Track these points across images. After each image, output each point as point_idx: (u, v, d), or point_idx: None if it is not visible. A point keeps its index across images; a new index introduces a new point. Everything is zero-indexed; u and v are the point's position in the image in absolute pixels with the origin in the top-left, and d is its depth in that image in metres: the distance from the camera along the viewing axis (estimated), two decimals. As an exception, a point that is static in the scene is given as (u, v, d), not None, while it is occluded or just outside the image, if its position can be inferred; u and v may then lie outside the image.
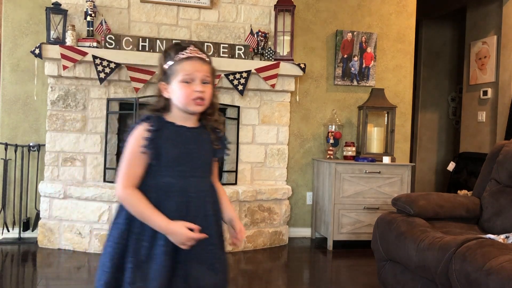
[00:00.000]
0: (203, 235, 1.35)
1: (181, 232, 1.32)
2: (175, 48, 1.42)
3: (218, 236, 1.46)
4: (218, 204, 1.49)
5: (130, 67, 3.46)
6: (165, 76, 1.41)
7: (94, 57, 3.36)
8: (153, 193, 1.37)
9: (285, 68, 3.72)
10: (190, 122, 1.44)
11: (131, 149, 1.38)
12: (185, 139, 1.41)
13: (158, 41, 3.56)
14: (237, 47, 3.68)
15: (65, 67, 3.35)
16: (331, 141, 3.91)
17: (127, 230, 1.37)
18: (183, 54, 1.39)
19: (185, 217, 1.36)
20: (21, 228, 3.53)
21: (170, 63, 1.40)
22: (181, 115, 1.42)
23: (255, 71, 3.63)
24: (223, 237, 1.50)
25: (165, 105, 1.43)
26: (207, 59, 1.42)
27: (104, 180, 3.51)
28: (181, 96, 1.38)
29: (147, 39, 3.54)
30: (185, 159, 1.40)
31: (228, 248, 1.51)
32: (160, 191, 1.37)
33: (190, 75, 1.38)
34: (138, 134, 1.37)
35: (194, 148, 1.42)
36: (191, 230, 1.34)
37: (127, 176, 1.37)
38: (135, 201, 1.35)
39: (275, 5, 3.80)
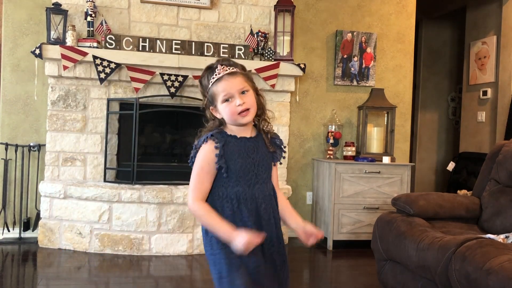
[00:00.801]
0: (260, 238, 1.39)
1: (242, 236, 1.36)
2: (207, 73, 1.51)
3: (277, 239, 1.55)
4: (277, 207, 1.57)
5: (130, 67, 3.46)
6: (209, 101, 1.51)
7: (94, 57, 3.37)
8: (227, 203, 1.47)
9: (285, 68, 3.72)
10: (248, 132, 1.53)
11: (200, 165, 1.47)
12: (248, 150, 1.50)
13: (158, 41, 3.56)
14: (237, 47, 3.68)
15: (65, 67, 3.36)
16: (331, 141, 3.91)
17: (222, 249, 1.46)
18: (213, 78, 1.47)
19: (258, 222, 1.47)
20: (22, 228, 3.53)
21: (206, 89, 1.49)
22: (237, 128, 1.51)
23: (255, 71, 3.63)
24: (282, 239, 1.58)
25: (221, 123, 1.53)
26: (236, 71, 1.49)
27: (105, 180, 3.51)
28: (228, 114, 1.47)
29: (147, 39, 3.54)
30: (250, 168, 1.48)
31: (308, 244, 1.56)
32: (233, 200, 1.47)
33: (227, 94, 1.45)
34: (207, 151, 1.46)
35: (256, 157, 1.50)
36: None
37: (197, 190, 1.47)
38: (204, 213, 1.44)
39: (275, 5, 3.80)
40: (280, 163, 1.61)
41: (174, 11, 3.74)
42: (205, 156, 1.46)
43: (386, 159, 3.74)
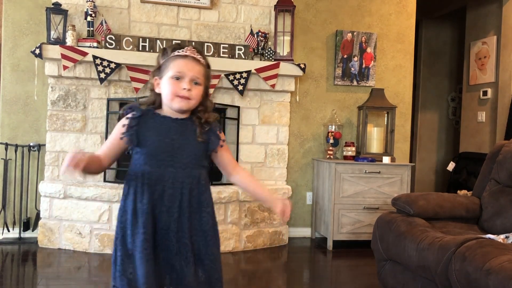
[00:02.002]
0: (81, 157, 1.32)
1: (68, 154, 1.32)
2: (174, 46, 1.48)
3: (200, 230, 1.46)
4: (202, 197, 1.48)
5: (130, 67, 3.46)
6: (159, 71, 1.47)
7: (94, 57, 3.37)
8: (133, 181, 1.43)
9: (285, 68, 3.72)
10: (178, 116, 1.47)
11: (113, 134, 1.48)
12: (167, 129, 1.44)
13: (158, 41, 3.56)
14: (237, 47, 3.68)
15: (65, 67, 3.36)
16: (331, 141, 3.91)
17: (118, 220, 1.46)
18: (178, 52, 1.44)
19: (158, 206, 1.41)
20: (21, 228, 3.53)
21: (165, 58, 1.46)
22: (169, 111, 1.47)
23: (255, 71, 3.63)
24: (206, 232, 1.48)
25: (155, 100, 1.48)
26: (201, 61, 1.46)
27: (104, 180, 3.51)
28: (168, 91, 1.43)
29: (147, 39, 3.54)
30: (166, 149, 1.43)
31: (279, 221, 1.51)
32: (138, 178, 1.42)
33: (181, 72, 1.42)
34: (121, 122, 1.46)
35: (176, 138, 1.44)
36: None
37: (99, 151, 1.49)
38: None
39: (275, 5, 3.80)
40: (221, 146, 1.51)
41: (174, 11, 3.74)
42: (119, 126, 1.46)
43: (386, 159, 3.74)
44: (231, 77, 3.60)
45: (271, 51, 3.71)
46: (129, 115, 1.44)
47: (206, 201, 1.49)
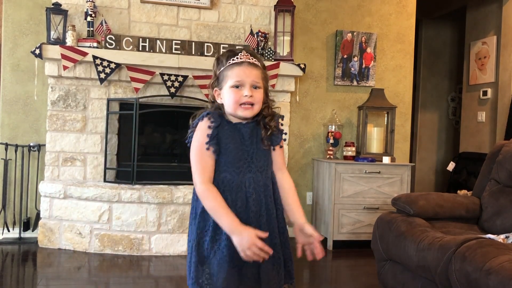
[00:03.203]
0: (267, 249, 1.33)
1: (248, 235, 1.31)
2: (228, 54, 1.45)
3: (279, 232, 1.47)
4: (278, 195, 1.49)
5: (130, 67, 3.46)
6: (218, 81, 1.45)
7: (94, 57, 3.37)
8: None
9: (285, 68, 3.72)
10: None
11: (198, 144, 1.41)
12: (241, 135, 1.44)
13: (158, 41, 3.56)
14: (237, 47, 3.68)
15: (65, 67, 3.36)
16: (331, 141, 3.91)
17: (194, 226, 1.43)
18: (234, 60, 1.42)
19: (244, 212, 1.40)
20: (22, 228, 3.53)
21: (221, 68, 1.44)
22: (234, 119, 1.46)
23: (255, 71, 3.63)
24: (286, 233, 1.51)
25: (219, 109, 1.47)
26: (258, 64, 1.44)
27: (104, 180, 3.51)
28: (231, 100, 1.41)
29: (147, 39, 3.54)
30: (243, 156, 1.42)
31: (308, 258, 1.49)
32: (219, 186, 1.40)
33: (240, 80, 1.40)
34: (203, 129, 1.41)
35: (250, 143, 1.44)
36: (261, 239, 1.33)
37: (203, 170, 1.40)
38: (211, 197, 1.37)
39: (275, 5, 3.80)
40: (281, 146, 1.51)
41: (174, 11, 3.74)
42: (203, 133, 1.40)
43: (386, 159, 3.74)
44: (231, 77, 3.60)
45: (271, 51, 3.71)
46: (209, 123, 1.41)
47: (279, 200, 1.50)
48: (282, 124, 1.54)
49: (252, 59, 1.43)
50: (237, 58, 1.41)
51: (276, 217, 1.46)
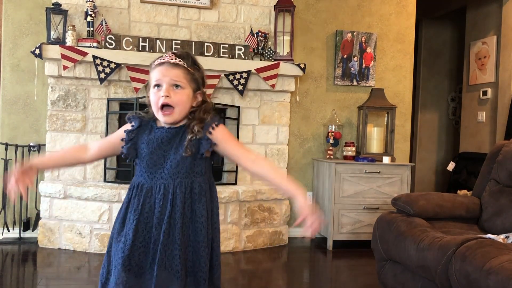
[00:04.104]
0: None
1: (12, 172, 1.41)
2: (156, 57, 1.46)
3: (194, 241, 1.40)
4: (196, 206, 1.42)
5: (130, 67, 3.46)
6: (147, 85, 1.47)
7: (94, 57, 3.37)
8: (130, 190, 1.45)
9: (285, 68, 3.72)
10: (173, 125, 1.45)
11: (114, 133, 1.53)
12: (160, 140, 1.42)
13: (158, 41, 3.56)
14: (237, 47, 3.68)
15: (65, 67, 3.36)
16: (331, 141, 3.91)
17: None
18: (157, 61, 1.42)
19: (149, 218, 1.39)
20: (21, 228, 3.53)
21: (150, 71, 1.44)
22: (160, 123, 1.46)
23: (255, 71, 3.63)
24: (201, 243, 1.41)
25: (153, 114, 1.47)
26: (181, 63, 1.40)
27: (104, 180, 3.51)
28: (152, 103, 1.42)
29: (147, 39, 3.54)
30: (156, 161, 1.41)
31: (307, 235, 1.30)
32: (133, 190, 1.43)
33: (158, 79, 1.40)
34: (122, 128, 1.49)
35: (167, 149, 1.41)
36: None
37: (96, 141, 1.56)
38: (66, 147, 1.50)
39: (275, 5, 3.80)
40: (214, 144, 1.42)
41: (174, 11, 3.74)
42: (119, 130, 1.49)
43: (386, 159, 3.74)
44: (231, 77, 3.60)
45: (271, 51, 3.71)
46: (127, 129, 1.45)
47: (199, 211, 1.42)
48: (214, 128, 1.43)
49: (175, 59, 1.40)
50: (160, 59, 1.42)
51: (181, 229, 1.37)
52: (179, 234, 1.37)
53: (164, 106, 1.39)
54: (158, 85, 1.39)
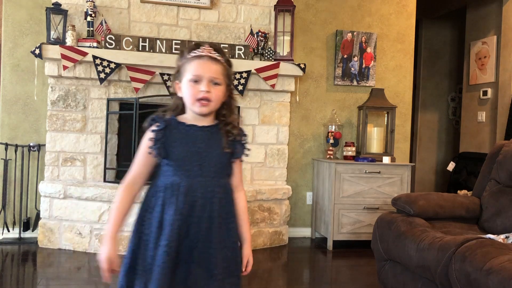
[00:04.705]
0: (110, 272, 1.35)
1: (104, 251, 1.35)
2: (191, 47, 1.42)
3: (228, 241, 1.41)
4: (230, 207, 1.44)
5: (130, 67, 3.46)
6: (178, 74, 1.42)
7: (94, 57, 3.37)
8: (161, 192, 1.38)
9: (285, 68, 3.72)
10: (203, 122, 1.43)
11: (141, 149, 1.44)
12: (194, 138, 1.40)
13: (158, 41, 3.56)
14: (237, 47, 3.68)
15: (65, 67, 3.36)
16: (331, 141, 3.91)
17: (139, 232, 1.41)
18: (194, 53, 1.39)
19: (189, 217, 1.35)
20: (21, 228, 3.53)
21: (183, 61, 1.41)
22: (193, 115, 1.43)
23: (255, 71, 3.63)
24: (235, 243, 1.45)
25: (178, 105, 1.45)
26: (219, 59, 1.40)
27: (104, 180, 3.51)
28: (188, 95, 1.39)
29: (147, 39, 3.54)
30: (193, 158, 1.38)
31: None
32: (167, 190, 1.37)
33: (198, 75, 1.37)
34: (148, 134, 1.41)
35: (203, 147, 1.40)
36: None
37: (131, 173, 1.44)
38: (116, 200, 1.43)
39: (275, 5, 3.80)
40: (241, 161, 1.48)
41: (174, 11, 3.74)
42: (142, 145, 1.42)
43: (386, 159, 3.74)
44: (231, 77, 3.60)
45: (271, 51, 3.71)
46: (154, 128, 1.40)
47: (233, 212, 1.44)
48: (246, 142, 1.48)
49: (214, 53, 1.39)
50: (198, 51, 1.38)
51: (219, 228, 1.38)
52: (216, 233, 1.37)
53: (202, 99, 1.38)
54: (196, 80, 1.37)
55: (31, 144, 3.56)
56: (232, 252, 1.42)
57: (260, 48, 3.73)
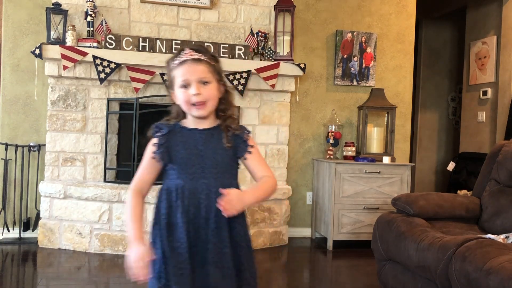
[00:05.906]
0: (144, 272, 1.32)
1: (135, 251, 1.33)
2: (173, 55, 1.44)
3: (238, 239, 1.43)
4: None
5: (130, 67, 3.46)
6: (170, 84, 1.45)
7: (94, 57, 3.37)
8: (166, 195, 1.41)
9: (285, 68, 3.72)
10: (204, 124, 1.45)
11: (146, 155, 1.46)
12: (195, 141, 1.42)
13: (158, 41, 3.56)
14: (237, 47, 3.68)
15: (65, 67, 3.36)
16: (331, 141, 3.91)
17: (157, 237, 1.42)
18: (178, 60, 1.41)
19: (195, 218, 1.38)
20: (22, 228, 3.53)
21: (170, 70, 1.44)
22: (193, 119, 1.45)
23: (255, 71, 3.63)
24: (249, 243, 1.47)
25: (179, 112, 1.47)
26: (202, 58, 1.41)
27: (104, 180, 3.51)
28: (182, 101, 1.41)
29: (147, 39, 3.54)
30: (196, 161, 1.40)
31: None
32: (172, 193, 1.40)
33: (185, 79, 1.39)
34: (152, 140, 1.45)
35: (203, 149, 1.42)
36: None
37: (137, 178, 1.47)
38: (128, 205, 1.43)
39: (275, 5, 3.80)
40: (245, 158, 1.47)
41: (174, 11, 3.74)
42: (147, 152, 1.45)
43: (386, 159, 3.74)
44: (231, 77, 3.60)
45: (271, 51, 3.71)
46: (158, 134, 1.43)
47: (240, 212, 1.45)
48: (248, 137, 1.48)
49: (195, 54, 1.40)
50: (180, 57, 1.40)
51: (229, 227, 1.40)
52: (226, 232, 1.39)
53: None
54: (185, 85, 1.39)
55: (31, 144, 3.57)
56: (246, 251, 1.45)
57: (260, 48, 3.73)
